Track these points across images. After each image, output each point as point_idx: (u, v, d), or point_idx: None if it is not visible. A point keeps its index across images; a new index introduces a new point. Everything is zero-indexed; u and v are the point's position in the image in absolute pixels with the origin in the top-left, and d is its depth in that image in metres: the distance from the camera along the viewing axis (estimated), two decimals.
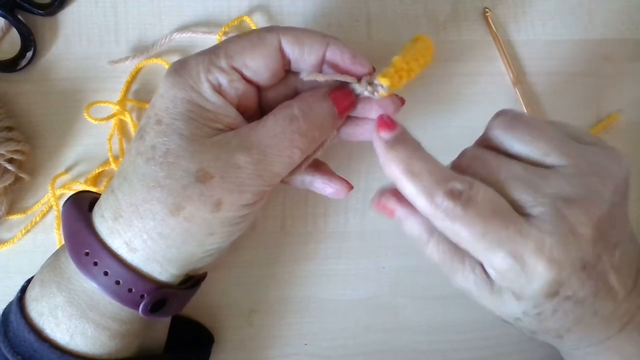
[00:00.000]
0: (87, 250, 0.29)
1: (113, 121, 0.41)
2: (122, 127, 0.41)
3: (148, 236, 0.28)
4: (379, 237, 0.42)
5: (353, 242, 0.42)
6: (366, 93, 0.31)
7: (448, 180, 0.27)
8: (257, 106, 0.32)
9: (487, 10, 0.43)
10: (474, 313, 0.42)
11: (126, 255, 0.29)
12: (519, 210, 0.27)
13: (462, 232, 0.26)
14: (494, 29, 0.43)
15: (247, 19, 0.41)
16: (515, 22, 0.43)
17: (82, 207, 0.31)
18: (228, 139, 0.29)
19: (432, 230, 0.29)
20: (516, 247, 0.26)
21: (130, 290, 0.29)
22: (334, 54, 0.31)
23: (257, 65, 0.30)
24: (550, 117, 0.43)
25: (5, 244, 0.40)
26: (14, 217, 0.40)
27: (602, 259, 0.27)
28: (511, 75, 0.42)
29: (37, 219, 0.40)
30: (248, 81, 0.31)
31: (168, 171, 0.28)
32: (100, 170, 0.40)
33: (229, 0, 0.42)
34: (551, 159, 0.28)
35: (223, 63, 0.29)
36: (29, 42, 0.40)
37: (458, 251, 0.29)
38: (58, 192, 0.40)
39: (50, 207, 0.40)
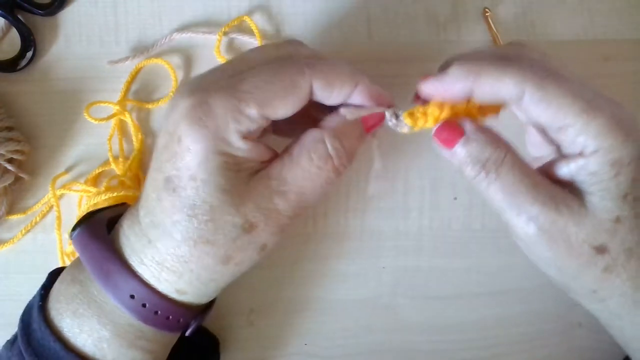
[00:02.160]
0: (132, 294, 0.29)
1: (113, 121, 0.41)
2: (122, 127, 0.41)
3: (199, 283, 0.30)
4: (379, 237, 0.42)
5: (353, 242, 0.42)
6: (390, 125, 0.31)
7: None
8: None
9: (487, 10, 0.43)
10: (474, 313, 0.42)
11: (176, 297, 0.30)
12: None
13: (565, 88, 0.27)
14: (494, 29, 0.43)
15: (247, 19, 0.41)
16: (515, 22, 0.43)
17: (106, 242, 0.30)
18: (265, 183, 0.29)
19: (506, 144, 0.29)
20: (609, 104, 0.27)
21: (178, 321, 0.31)
22: (360, 98, 0.30)
23: (287, 113, 0.29)
24: None
25: (5, 244, 0.40)
26: (14, 217, 0.40)
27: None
28: None
29: (37, 219, 0.40)
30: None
31: (215, 228, 0.28)
32: (100, 170, 0.40)
33: (229, 0, 0.42)
34: None
35: (253, 112, 0.28)
36: (29, 42, 0.40)
37: (531, 166, 0.29)
38: (58, 192, 0.40)
39: (51, 207, 0.40)
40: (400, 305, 0.42)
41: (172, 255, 0.29)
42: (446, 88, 0.29)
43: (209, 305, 0.33)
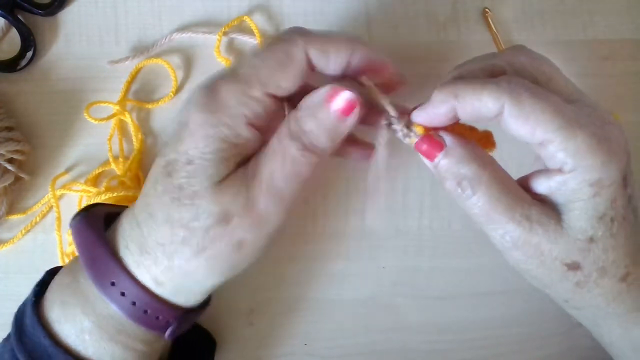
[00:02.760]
0: (113, 281, 0.29)
1: (113, 121, 0.41)
2: (122, 127, 0.41)
3: (174, 274, 0.29)
4: (379, 237, 0.42)
5: (353, 242, 0.42)
6: (399, 135, 0.30)
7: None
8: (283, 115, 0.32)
9: (487, 10, 0.43)
10: (474, 313, 0.42)
11: (154, 288, 0.30)
12: None
13: (544, 104, 0.27)
14: (494, 29, 0.43)
15: (247, 19, 0.41)
16: (515, 22, 0.43)
17: (98, 229, 0.31)
18: (244, 173, 0.29)
19: (486, 162, 0.29)
20: (595, 123, 0.27)
21: (157, 317, 0.30)
22: (359, 62, 0.30)
23: (290, 85, 0.29)
24: None
25: (5, 244, 0.40)
26: (14, 217, 0.40)
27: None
28: None
29: (37, 219, 0.40)
30: (278, 98, 0.30)
31: (194, 213, 0.28)
32: (100, 170, 0.40)
33: (229, 0, 0.42)
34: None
35: (258, 92, 0.28)
36: (29, 42, 0.40)
37: (513, 182, 0.29)
38: (58, 193, 0.40)
39: (51, 208, 0.40)
40: (400, 305, 0.42)
41: (152, 237, 0.29)
42: (432, 114, 0.29)
43: (193, 311, 0.32)
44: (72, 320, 0.30)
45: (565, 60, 0.43)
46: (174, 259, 0.28)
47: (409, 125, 0.30)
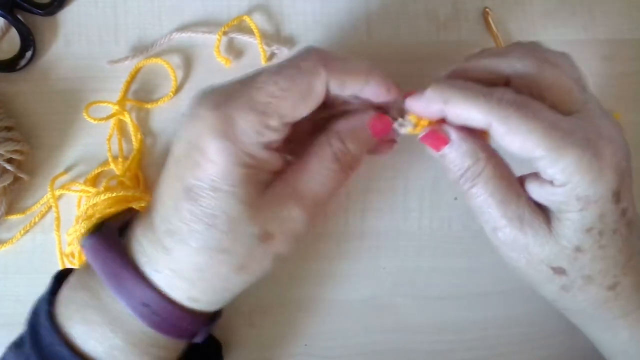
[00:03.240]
0: (145, 302, 0.29)
1: (112, 121, 0.41)
2: (122, 127, 0.41)
3: (212, 291, 0.30)
4: (379, 237, 0.42)
5: (353, 242, 0.41)
6: (405, 130, 0.31)
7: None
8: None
9: (487, 10, 0.43)
10: (474, 313, 0.42)
11: (188, 304, 0.30)
12: None
13: (531, 124, 0.27)
14: (494, 29, 0.43)
15: (247, 19, 0.41)
16: (515, 22, 0.43)
17: (120, 250, 0.31)
18: (280, 192, 0.29)
19: (487, 157, 0.29)
20: (589, 139, 0.27)
21: (190, 328, 0.31)
22: (370, 94, 0.31)
23: (306, 113, 0.29)
24: None
25: (5, 244, 0.40)
26: (13, 217, 0.40)
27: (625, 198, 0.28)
28: None
29: (37, 219, 0.40)
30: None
31: (233, 238, 0.28)
32: (99, 170, 0.40)
33: (229, 0, 0.42)
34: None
35: (276, 123, 0.28)
36: (29, 42, 0.40)
37: (513, 180, 0.30)
38: (57, 193, 0.40)
39: (50, 208, 0.40)
40: (400, 305, 0.41)
41: (187, 263, 0.29)
42: (423, 107, 0.30)
43: (217, 313, 0.34)
44: (99, 337, 0.30)
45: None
46: (214, 280, 0.29)
47: (402, 113, 0.31)
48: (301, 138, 0.32)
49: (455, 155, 0.30)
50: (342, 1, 0.42)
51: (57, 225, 0.39)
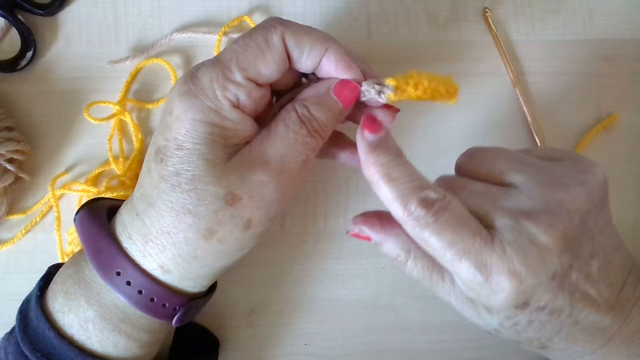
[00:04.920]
0: (118, 270, 0.29)
1: (113, 121, 0.41)
2: (122, 127, 0.41)
3: (182, 260, 0.29)
4: None
5: (353, 242, 0.41)
6: (372, 93, 0.31)
7: (423, 188, 0.27)
8: (271, 102, 0.32)
9: (487, 10, 0.43)
10: None
11: (160, 276, 0.30)
12: (485, 224, 0.27)
13: (432, 240, 0.27)
14: (494, 29, 0.43)
15: (247, 19, 0.41)
16: (515, 22, 0.43)
17: (102, 221, 0.31)
18: (248, 156, 0.29)
19: (409, 248, 0.29)
20: (481, 258, 0.26)
21: (164, 305, 0.30)
22: (329, 63, 0.31)
23: (270, 71, 0.30)
24: (550, 117, 0.43)
25: (5, 244, 0.40)
26: (14, 217, 0.40)
27: (573, 268, 0.27)
28: (511, 75, 0.42)
29: (37, 219, 0.40)
30: (261, 85, 0.30)
31: (197, 198, 0.28)
32: (100, 170, 0.40)
33: (229, 0, 0.42)
34: (509, 176, 0.29)
35: (238, 77, 0.29)
36: (29, 42, 0.40)
37: (437, 266, 0.29)
38: (58, 192, 0.40)
39: (50, 208, 0.40)
40: (400, 305, 0.42)
41: (155, 226, 0.29)
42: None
43: (200, 297, 0.32)
44: (75, 310, 0.30)
45: (565, 60, 0.43)
46: (182, 245, 0.29)
47: (380, 82, 0.31)
48: None
49: (386, 249, 0.31)
50: (342, 1, 0.43)
51: (57, 225, 0.40)
